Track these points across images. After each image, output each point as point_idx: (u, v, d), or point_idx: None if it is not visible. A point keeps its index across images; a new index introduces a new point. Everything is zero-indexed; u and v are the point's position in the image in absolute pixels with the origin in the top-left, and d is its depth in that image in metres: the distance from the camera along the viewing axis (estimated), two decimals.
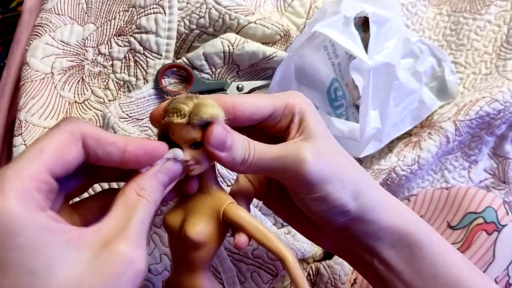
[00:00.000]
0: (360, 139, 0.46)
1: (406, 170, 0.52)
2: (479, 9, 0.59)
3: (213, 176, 0.31)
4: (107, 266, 0.22)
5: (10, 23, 0.77)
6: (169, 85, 0.53)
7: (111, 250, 0.22)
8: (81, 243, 0.22)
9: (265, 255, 0.47)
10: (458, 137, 0.53)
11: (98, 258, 0.22)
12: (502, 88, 0.53)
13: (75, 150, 0.24)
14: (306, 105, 0.31)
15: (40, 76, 0.52)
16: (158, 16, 0.51)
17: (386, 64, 0.46)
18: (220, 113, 0.28)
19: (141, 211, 0.25)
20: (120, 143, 0.25)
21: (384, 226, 0.31)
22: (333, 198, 0.29)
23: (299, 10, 0.56)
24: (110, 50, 0.53)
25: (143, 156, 0.26)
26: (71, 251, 0.21)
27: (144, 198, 0.25)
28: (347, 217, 0.30)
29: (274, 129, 0.31)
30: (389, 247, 0.31)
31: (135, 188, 0.26)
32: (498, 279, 0.40)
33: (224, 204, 0.29)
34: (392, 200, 0.32)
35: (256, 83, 0.54)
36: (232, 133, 0.29)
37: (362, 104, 0.45)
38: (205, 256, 0.30)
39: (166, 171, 0.27)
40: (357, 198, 0.30)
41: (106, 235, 0.23)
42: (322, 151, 0.29)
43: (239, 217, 0.28)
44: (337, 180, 0.29)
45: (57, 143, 0.23)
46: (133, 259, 0.22)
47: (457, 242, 0.42)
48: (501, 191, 0.56)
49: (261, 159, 0.29)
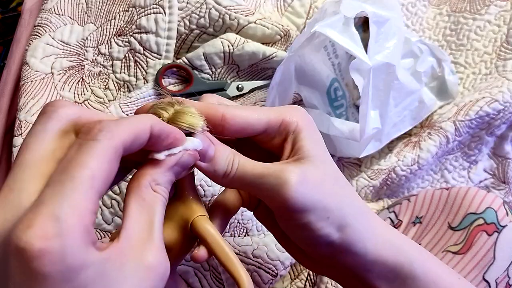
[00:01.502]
0: (360, 139, 0.46)
1: (406, 170, 0.52)
2: (479, 9, 0.59)
3: (190, 185, 0.30)
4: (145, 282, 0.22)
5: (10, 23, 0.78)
6: (169, 85, 0.53)
7: (146, 264, 0.22)
8: (123, 261, 0.21)
9: (265, 255, 0.47)
10: (458, 137, 0.53)
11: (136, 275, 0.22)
12: (502, 88, 0.53)
13: (118, 165, 0.22)
14: (303, 124, 0.29)
15: (40, 76, 0.52)
16: (158, 16, 0.51)
17: (386, 64, 0.46)
18: (199, 123, 0.27)
19: (160, 210, 0.24)
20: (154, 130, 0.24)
21: (373, 259, 0.29)
22: (315, 227, 0.28)
23: (299, 10, 0.56)
24: (110, 50, 0.53)
25: (164, 141, 0.25)
26: (119, 272, 0.21)
27: (161, 195, 0.25)
28: (331, 248, 0.29)
29: (268, 145, 0.30)
30: (380, 279, 0.30)
31: (151, 183, 0.24)
32: (498, 280, 0.40)
33: (194, 215, 0.28)
34: (383, 229, 0.31)
35: (256, 83, 0.54)
36: (216, 144, 0.28)
37: (362, 104, 0.45)
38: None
39: (183, 162, 0.26)
40: (343, 229, 0.28)
41: (136, 243, 0.22)
42: (310, 176, 0.28)
43: (204, 232, 0.27)
44: (321, 209, 0.28)
45: (105, 165, 0.21)
46: (163, 266, 0.23)
47: (458, 244, 0.42)
48: (501, 191, 0.56)
49: (244, 175, 0.28)
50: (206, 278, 0.48)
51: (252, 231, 0.48)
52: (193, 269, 0.47)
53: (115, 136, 0.21)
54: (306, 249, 0.31)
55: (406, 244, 0.31)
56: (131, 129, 0.22)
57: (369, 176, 0.52)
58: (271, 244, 0.47)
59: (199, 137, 0.27)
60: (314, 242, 0.29)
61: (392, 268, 0.30)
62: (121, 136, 0.21)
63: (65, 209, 0.19)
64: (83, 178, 0.20)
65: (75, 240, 0.19)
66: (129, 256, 0.22)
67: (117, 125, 0.22)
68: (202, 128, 0.27)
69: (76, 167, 0.20)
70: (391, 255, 0.30)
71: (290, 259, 0.48)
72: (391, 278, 0.30)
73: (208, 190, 0.47)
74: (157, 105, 0.27)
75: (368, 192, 0.53)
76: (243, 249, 0.47)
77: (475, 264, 0.41)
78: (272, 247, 0.47)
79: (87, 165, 0.20)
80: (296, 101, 0.54)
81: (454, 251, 0.42)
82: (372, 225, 0.31)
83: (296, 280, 0.50)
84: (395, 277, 0.30)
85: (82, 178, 0.20)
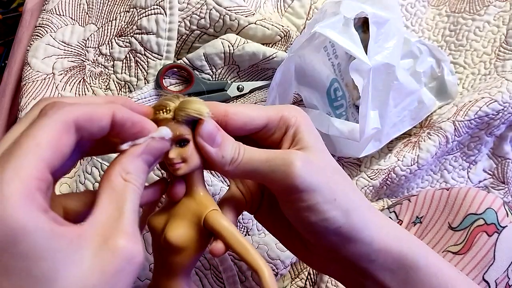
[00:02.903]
0: (360, 139, 0.46)
1: (405, 170, 0.52)
2: (478, 9, 0.60)
3: (200, 181, 0.30)
4: (108, 264, 0.21)
5: (11, 23, 0.78)
6: (169, 85, 0.53)
7: (110, 247, 0.22)
8: (81, 243, 0.21)
9: (266, 255, 0.47)
10: (458, 137, 0.53)
11: (98, 256, 0.21)
12: (501, 88, 0.53)
13: (70, 139, 0.22)
14: (302, 119, 0.30)
15: (41, 77, 0.53)
16: (158, 16, 0.51)
17: (386, 65, 0.46)
18: (205, 109, 0.27)
19: (131, 199, 0.24)
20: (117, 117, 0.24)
21: (378, 247, 0.29)
22: (323, 209, 0.28)
23: (299, 11, 0.56)
24: (111, 51, 0.53)
25: (130, 130, 0.25)
26: (73, 252, 0.21)
27: (131, 183, 0.24)
28: (338, 235, 0.29)
29: (268, 141, 0.31)
30: (383, 270, 0.30)
31: (121, 172, 0.24)
32: (498, 281, 0.40)
33: (206, 210, 0.28)
34: (386, 221, 0.31)
35: (257, 83, 0.54)
36: (222, 131, 0.28)
37: (362, 104, 0.45)
38: (184, 261, 0.29)
39: (151, 151, 0.26)
40: (349, 215, 0.29)
41: (102, 230, 0.22)
42: (313, 160, 0.28)
43: (219, 225, 0.27)
44: (327, 190, 0.28)
45: (52, 135, 0.21)
46: (132, 253, 0.22)
47: (458, 244, 0.42)
48: (500, 191, 0.57)
49: (251, 160, 0.28)
50: (207, 277, 0.48)
51: (253, 230, 0.49)
52: (194, 268, 0.48)
53: (65, 112, 0.22)
54: (311, 239, 0.31)
55: (408, 236, 0.32)
56: (86, 109, 0.23)
57: (369, 176, 0.53)
58: (272, 243, 0.48)
59: (208, 123, 0.27)
60: (321, 228, 0.29)
61: (396, 258, 0.30)
62: (72, 113, 0.22)
63: (8, 173, 0.20)
64: (28, 146, 0.21)
65: (16, 202, 0.19)
66: (91, 240, 0.21)
67: (72, 104, 0.23)
68: (208, 114, 0.27)
69: (24, 138, 0.21)
70: (395, 245, 0.30)
71: (291, 258, 0.48)
72: (394, 268, 0.30)
73: (209, 189, 0.47)
74: (163, 98, 0.28)
75: (368, 192, 0.53)
76: None
77: (475, 264, 0.41)
78: (272, 246, 0.47)
79: (33, 135, 0.21)
80: (296, 101, 0.55)
81: (454, 251, 0.42)
82: (375, 216, 0.31)
83: (296, 280, 0.50)
84: (399, 268, 0.30)
85: (27, 147, 0.21)
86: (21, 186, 0.20)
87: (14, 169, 0.20)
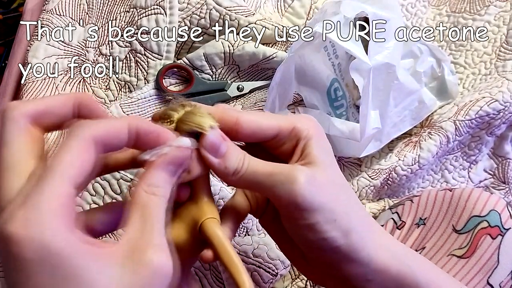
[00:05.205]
0: (361, 139, 0.46)
1: (406, 170, 0.52)
2: (478, 9, 0.59)
3: (204, 187, 0.30)
4: (137, 278, 0.22)
5: (12, 23, 0.78)
6: (170, 85, 0.53)
7: (138, 261, 0.22)
8: (111, 260, 0.22)
9: (265, 255, 0.47)
10: (458, 137, 0.53)
11: (127, 272, 0.22)
12: (501, 88, 0.53)
13: (91, 156, 0.23)
14: (314, 131, 0.30)
15: (41, 77, 0.52)
16: (159, 16, 0.51)
17: (386, 64, 0.46)
18: (208, 122, 0.27)
19: (155, 210, 0.24)
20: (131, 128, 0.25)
21: (375, 268, 0.29)
22: (323, 229, 0.28)
23: (299, 10, 0.56)
24: (111, 51, 0.53)
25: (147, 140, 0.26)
26: (105, 270, 0.21)
27: (157, 196, 0.25)
28: (337, 254, 0.29)
29: (278, 151, 0.31)
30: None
31: (143, 186, 0.25)
32: (502, 284, 0.40)
33: (203, 217, 0.28)
34: (386, 239, 0.31)
35: (257, 83, 0.54)
36: (228, 142, 0.28)
37: (362, 104, 0.45)
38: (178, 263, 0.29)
39: (172, 160, 0.26)
40: (349, 235, 0.28)
41: (129, 245, 0.23)
42: (318, 178, 0.28)
43: (212, 235, 0.28)
44: (329, 211, 0.28)
45: (75, 155, 0.22)
46: (160, 265, 0.22)
47: (463, 247, 0.42)
48: (501, 191, 0.57)
49: (254, 172, 0.28)
50: (206, 277, 0.48)
51: (253, 230, 0.49)
52: (194, 269, 0.48)
53: (86, 131, 0.23)
54: (310, 254, 0.31)
55: (409, 254, 0.31)
56: (105, 126, 0.24)
57: (370, 175, 0.53)
58: (272, 243, 0.48)
59: (211, 134, 0.27)
60: (319, 246, 0.29)
61: (394, 277, 0.30)
62: (93, 131, 0.23)
63: (43, 196, 0.21)
64: (57, 169, 0.22)
65: (54, 224, 0.20)
66: (127, 258, 0.22)
67: (92, 123, 0.24)
68: (211, 127, 0.27)
69: (52, 161, 0.22)
70: (394, 265, 0.30)
71: None
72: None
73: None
74: (169, 106, 0.28)
75: (369, 192, 0.53)
76: (243, 248, 0.47)
77: (480, 268, 0.41)
78: (272, 246, 0.47)
79: (61, 158, 0.22)
80: (296, 101, 0.55)
81: (459, 255, 0.42)
82: (375, 234, 0.31)
83: (297, 280, 0.50)
84: (397, 287, 0.30)
85: (55, 169, 0.22)
86: (56, 208, 0.21)
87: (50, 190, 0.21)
